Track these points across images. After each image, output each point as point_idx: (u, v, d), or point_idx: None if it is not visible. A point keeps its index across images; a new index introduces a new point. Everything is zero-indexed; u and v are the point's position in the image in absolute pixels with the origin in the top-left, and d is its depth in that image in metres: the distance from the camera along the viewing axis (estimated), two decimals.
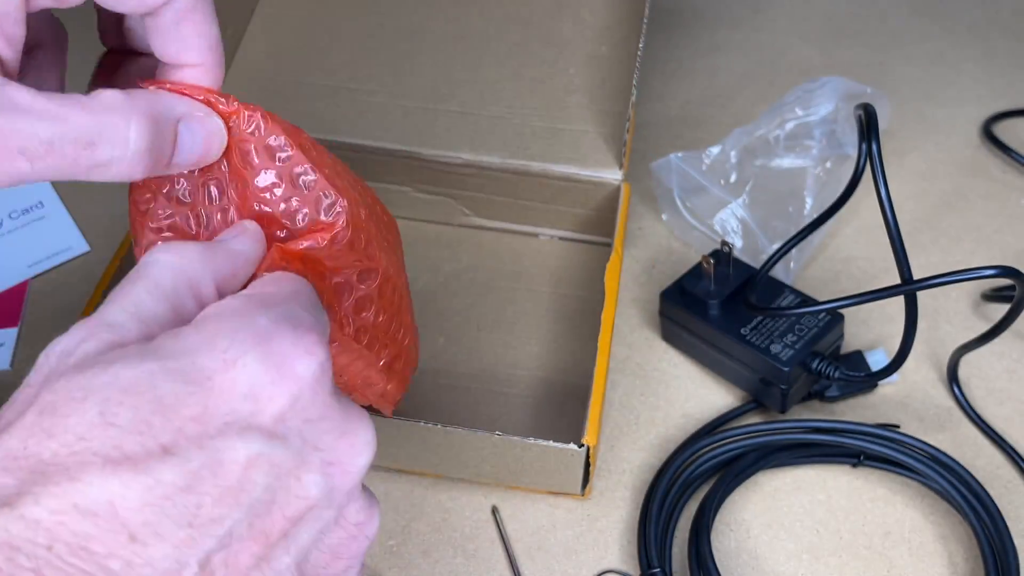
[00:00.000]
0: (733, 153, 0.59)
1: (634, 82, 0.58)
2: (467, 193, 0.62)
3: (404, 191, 0.62)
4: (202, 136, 0.31)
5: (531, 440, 0.46)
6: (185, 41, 0.32)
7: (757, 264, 0.56)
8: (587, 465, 0.48)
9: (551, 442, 0.46)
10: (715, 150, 0.60)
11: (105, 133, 0.28)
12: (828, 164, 0.58)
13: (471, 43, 0.65)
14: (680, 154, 0.60)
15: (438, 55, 0.64)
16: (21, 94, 0.27)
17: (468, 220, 0.63)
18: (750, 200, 0.58)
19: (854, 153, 0.60)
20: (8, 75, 0.29)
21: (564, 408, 0.54)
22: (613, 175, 0.59)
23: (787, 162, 0.59)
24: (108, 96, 0.29)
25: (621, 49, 0.64)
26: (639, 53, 0.58)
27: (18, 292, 0.61)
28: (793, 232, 0.55)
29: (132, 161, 0.29)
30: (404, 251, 0.37)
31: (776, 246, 0.56)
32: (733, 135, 0.60)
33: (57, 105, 0.27)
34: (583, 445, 0.46)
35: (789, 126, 0.59)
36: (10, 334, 0.58)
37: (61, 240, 0.63)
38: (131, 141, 0.29)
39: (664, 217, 0.63)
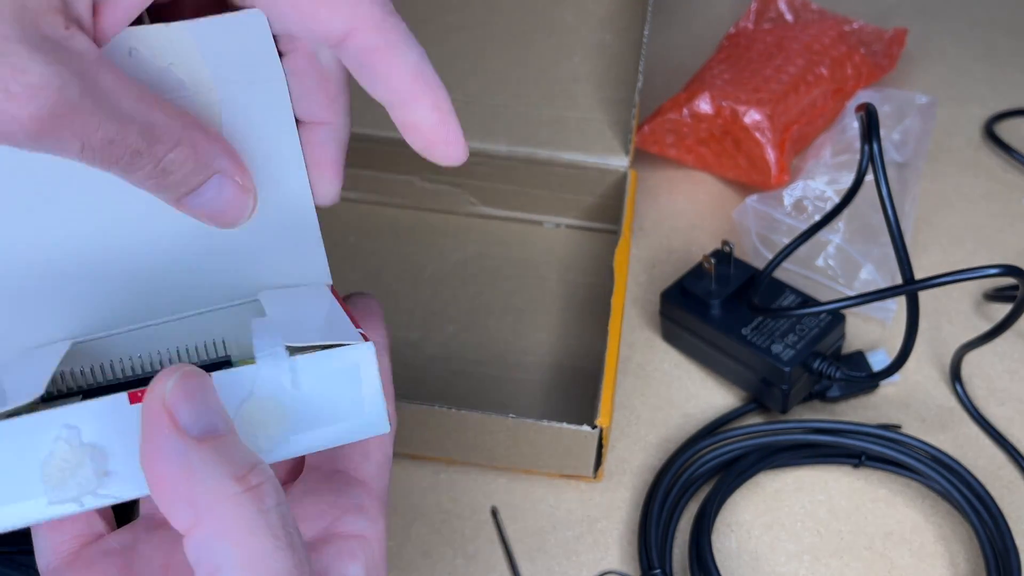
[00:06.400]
0: (814, 185, 0.59)
1: (640, 69, 0.58)
2: (474, 182, 0.62)
3: (411, 180, 0.62)
4: (222, 200, 0.28)
5: (545, 422, 0.46)
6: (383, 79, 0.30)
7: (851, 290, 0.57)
8: (600, 447, 0.48)
9: (564, 424, 0.46)
10: (798, 187, 0.59)
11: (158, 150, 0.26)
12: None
13: (475, 32, 0.65)
14: (755, 196, 0.59)
15: (442, 45, 0.64)
16: (109, 78, 0.25)
17: (475, 209, 0.64)
18: (846, 228, 0.57)
19: (900, 158, 0.60)
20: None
21: (574, 393, 0.54)
22: (620, 162, 0.59)
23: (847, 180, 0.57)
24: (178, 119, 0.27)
25: (625, 37, 0.64)
26: (644, 40, 0.59)
27: None
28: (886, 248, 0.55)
29: (154, 184, 0.27)
30: (413, 241, 0.36)
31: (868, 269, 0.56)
32: (807, 169, 0.60)
33: (143, 105, 0.26)
34: (596, 426, 0.46)
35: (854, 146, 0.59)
36: None
37: None
38: (164, 163, 0.27)
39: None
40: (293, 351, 0.26)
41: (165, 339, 0.30)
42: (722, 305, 0.54)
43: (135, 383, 0.29)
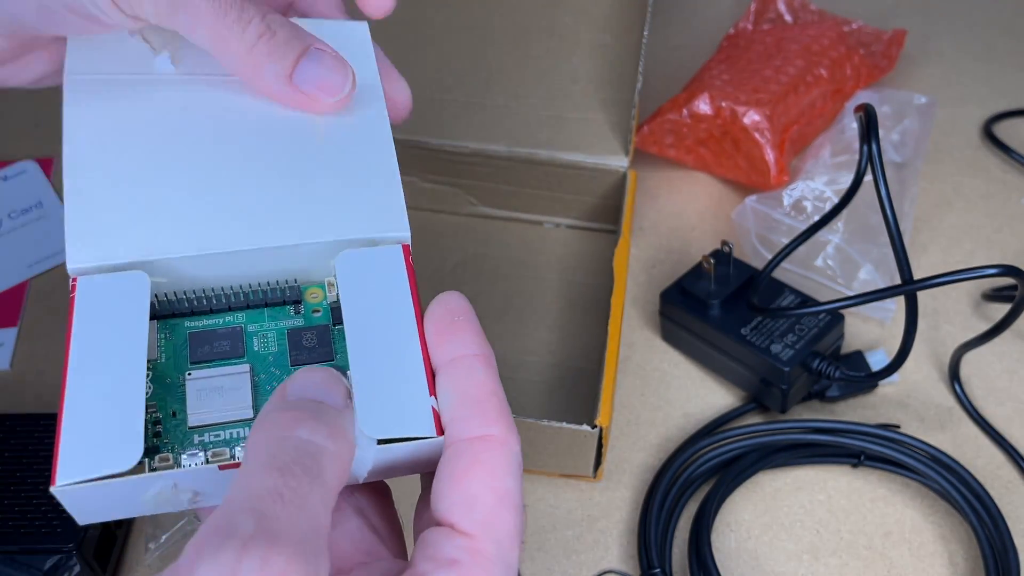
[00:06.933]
0: (813, 185, 0.59)
1: (639, 70, 0.58)
2: (474, 182, 0.62)
3: (411, 181, 0.62)
4: (326, 68, 0.33)
5: (545, 422, 0.47)
6: None
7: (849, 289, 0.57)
8: (599, 446, 0.48)
9: (564, 424, 0.46)
10: (797, 187, 0.59)
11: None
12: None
13: (475, 33, 0.65)
14: (755, 197, 0.59)
15: (442, 46, 0.64)
16: None
17: (475, 209, 0.64)
18: (844, 228, 0.58)
19: (899, 159, 0.60)
20: None
21: (574, 392, 0.55)
22: (619, 162, 0.59)
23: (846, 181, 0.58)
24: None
25: (624, 37, 0.64)
26: (643, 41, 0.59)
27: (18, 292, 0.61)
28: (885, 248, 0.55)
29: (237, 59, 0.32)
30: (413, 241, 0.37)
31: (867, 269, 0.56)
32: (806, 170, 0.60)
33: None
34: (596, 426, 0.46)
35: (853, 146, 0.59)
36: (10, 334, 0.58)
37: (61, 240, 0.62)
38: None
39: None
40: (378, 441, 0.28)
41: (242, 266, 0.32)
42: (721, 305, 0.54)
43: (205, 312, 0.32)
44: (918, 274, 0.46)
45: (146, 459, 0.28)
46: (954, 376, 0.55)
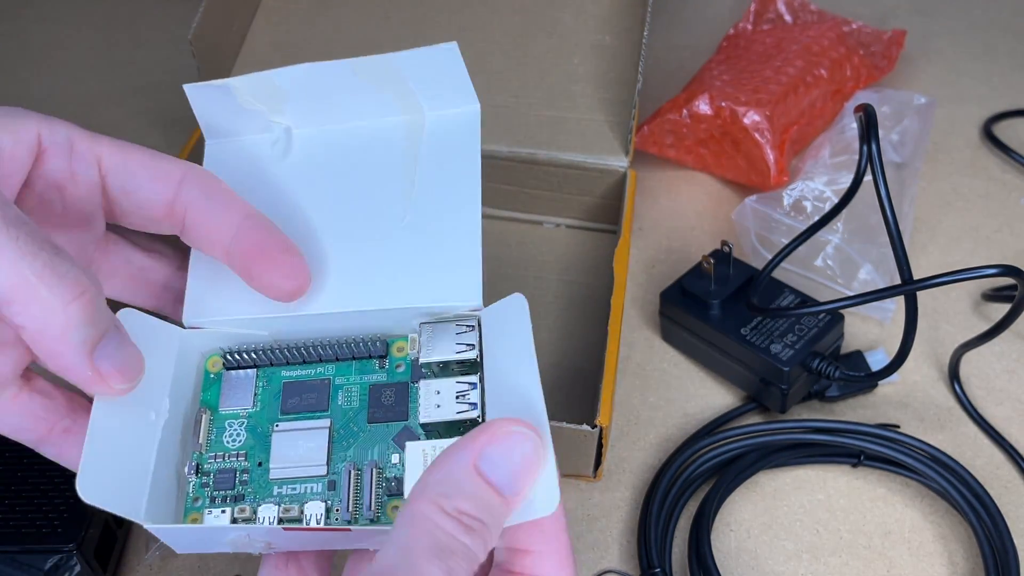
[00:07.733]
0: (813, 185, 0.59)
1: (639, 70, 0.58)
2: None
3: None
4: (120, 358, 0.30)
5: None
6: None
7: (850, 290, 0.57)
8: (599, 446, 0.48)
9: (564, 423, 0.46)
10: (797, 187, 0.59)
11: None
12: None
13: (475, 34, 0.65)
14: (755, 197, 0.59)
15: None
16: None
17: None
18: (844, 228, 0.57)
19: (899, 159, 0.60)
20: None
21: (574, 393, 0.54)
22: (619, 162, 0.59)
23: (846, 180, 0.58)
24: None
25: (624, 38, 0.64)
26: (644, 41, 0.59)
27: None
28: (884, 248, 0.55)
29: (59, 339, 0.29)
30: None
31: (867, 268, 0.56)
32: (806, 170, 0.60)
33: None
34: (596, 426, 0.46)
35: (853, 147, 0.59)
36: None
37: None
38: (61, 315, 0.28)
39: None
40: None
41: (333, 324, 0.35)
42: (721, 305, 0.54)
43: (299, 363, 0.35)
44: (918, 274, 0.46)
45: (229, 507, 0.32)
46: (954, 376, 0.55)
